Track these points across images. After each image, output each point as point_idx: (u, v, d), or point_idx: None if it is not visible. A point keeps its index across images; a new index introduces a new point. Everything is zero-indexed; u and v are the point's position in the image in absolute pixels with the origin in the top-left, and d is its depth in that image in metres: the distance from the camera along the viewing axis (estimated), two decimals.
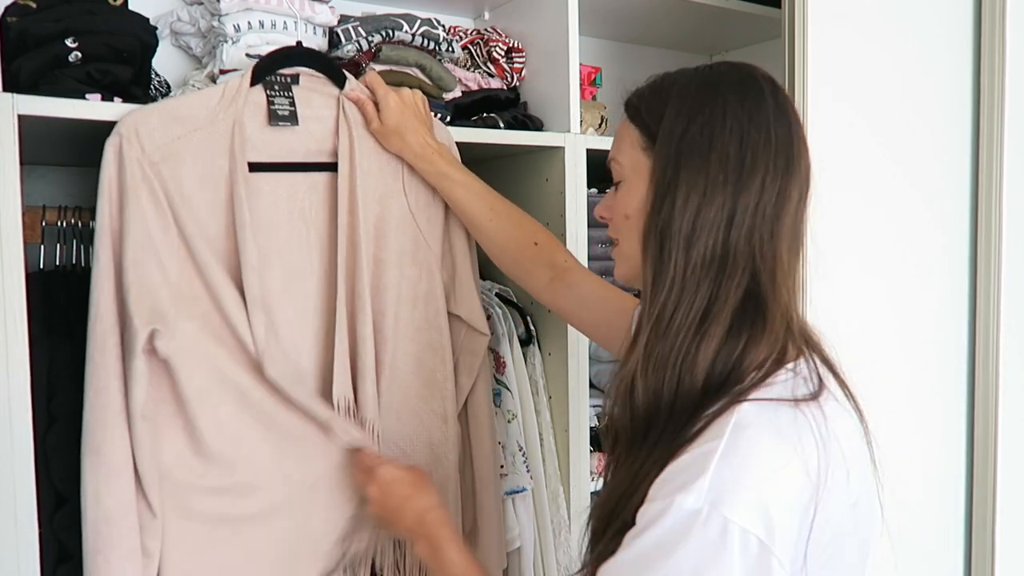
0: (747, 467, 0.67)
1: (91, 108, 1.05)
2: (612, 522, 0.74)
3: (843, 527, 0.72)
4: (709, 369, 0.74)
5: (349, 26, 1.31)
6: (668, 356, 0.74)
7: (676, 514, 0.66)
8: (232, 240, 1.10)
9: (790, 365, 0.75)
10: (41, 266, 1.24)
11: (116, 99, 1.08)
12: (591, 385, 1.54)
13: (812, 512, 0.69)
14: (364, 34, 1.31)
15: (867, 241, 1.45)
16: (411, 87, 1.27)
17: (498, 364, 1.45)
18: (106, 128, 1.05)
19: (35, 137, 1.09)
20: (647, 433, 0.75)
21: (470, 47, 1.58)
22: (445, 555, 0.93)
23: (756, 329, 0.75)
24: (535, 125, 1.48)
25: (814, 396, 0.73)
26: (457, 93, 1.45)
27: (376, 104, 1.19)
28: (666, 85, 0.81)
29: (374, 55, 1.33)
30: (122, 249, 1.04)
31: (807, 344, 0.79)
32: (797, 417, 0.71)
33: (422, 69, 1.36)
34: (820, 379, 0.76)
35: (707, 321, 0.74)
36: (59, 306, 1.15)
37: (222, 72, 1.23)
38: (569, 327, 1.45)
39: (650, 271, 0.77)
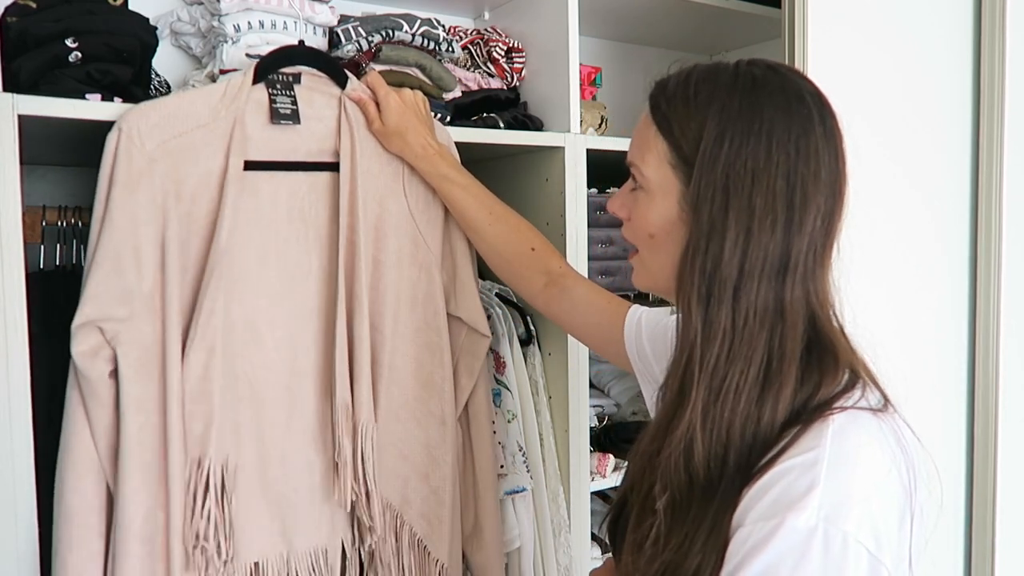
0: (855, 477, 0.64)
1: (91, 108, 1.05)
2: None
3: (922, 533, 0.71)
4: (784, 417, 0.69)
5: (349, 26, 1.31)
6: (731, 423, 0.69)
7: (789, 535, 0.62)
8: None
9: (859, 375, 0.73)
10: (41, 266, 1.24)
11: (116, 99, 1.08)
12: (591, 385, 1.54)
13: (909, 520, 0.67)
14: (364, 34, 1.31)
15: (867, 241, 1.45)
16: (411, 87, 1.27)
17: (498, 364, 1.45)
18: (106, 128, 1.05)
19: (35, 137, 1.09)
20: (711, 498, 0.69)
21: (470, 47, 1.58)
22: None
23: (827, 367, 0.71)
24: (535, 125, 1.48)
25: (885, 406, 0.72)
26: (457, 93, 1.45)
27: (377, 104, 1.20)
28: (702, 97, 0.73)
29: (374, 55, 1.33)
30: (99, 235, 1.02)
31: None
32: (881, 426, 0.69)
33: (422, 69, 1.36)
34: (880, 389, 0.74)
35: (771, 380, 0.69)
36: (59, 306, 1.15)
37: (222, 72, 1.23)
38: None
39: (699, 319, 0.71)
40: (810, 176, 0.70)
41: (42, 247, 1.24)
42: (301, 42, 1.23)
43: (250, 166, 1.12)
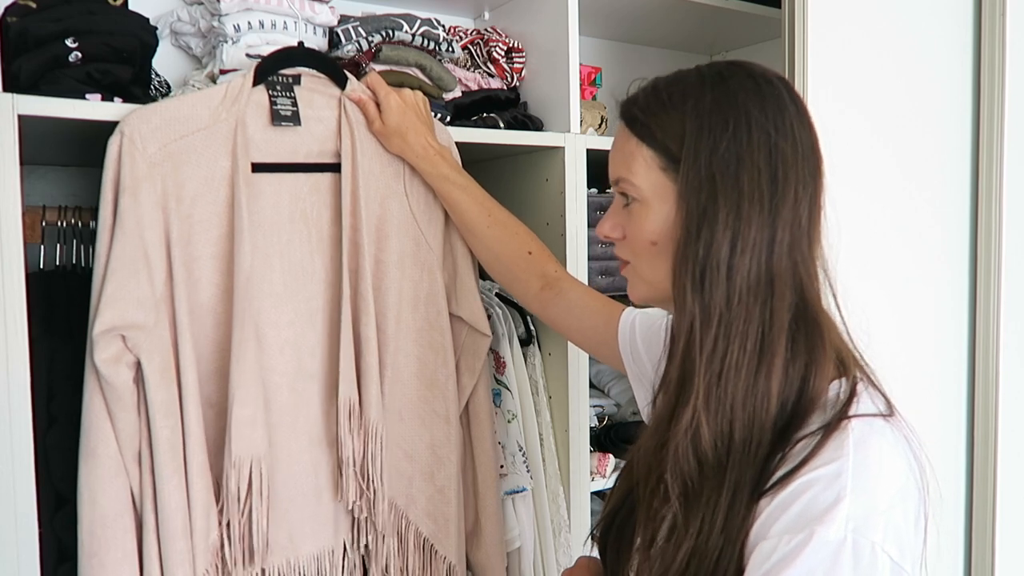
0: (880, 488, 0.65)
1: (91, 108, 1.05)
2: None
3: (932, 533, 0.72)
4: (779, 400, 0.70)
5: (349, 26, 1.31)
6: (735, 397, 0.70)
7: (819, 548, 0.63)
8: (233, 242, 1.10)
9: (859, 378, 0.73)
10: (41, 266, 1.24)
11: (116, 99, 1.08)
12: (591, 385, 1.54)
13: (923, 523, 0.68)
14: (364, 34, 1.31)
15: (867, 240, 1.45)
16: (411, 87, 1.27)
17: (498, 364, 1.45)
18: (106, 128, 1.05)
19: (35, 137, 1.09)
20: (722, 479, 0.70)
21: (470, 47, 1.58)
22: None
23: (815, 346, 0.72)
24: (535, 125, 1.48)
25: (891, 409, 0.72)
26: (457, 93, 1.45)
27: (378, 105, 1.20)
28: (675, 99, 0.75)
29: (374, 55, 1.33)
30: (110, 242, 1.03)
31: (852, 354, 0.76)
32: (894, 431, 0.69)
33: (422, 69, 1.36)
34: (882, 392, 0.74)
35: (765, 351, 0.70)
36: (59, 306, 1.15)
37: (222, 72, 1.23)
38: None
39: (696, 305, 0.72)
40: (789, 150, 0.72)
41: (42, 247, 1.24)
42: (300, 43, 1.23)
43: (252, 168, 1.12)
